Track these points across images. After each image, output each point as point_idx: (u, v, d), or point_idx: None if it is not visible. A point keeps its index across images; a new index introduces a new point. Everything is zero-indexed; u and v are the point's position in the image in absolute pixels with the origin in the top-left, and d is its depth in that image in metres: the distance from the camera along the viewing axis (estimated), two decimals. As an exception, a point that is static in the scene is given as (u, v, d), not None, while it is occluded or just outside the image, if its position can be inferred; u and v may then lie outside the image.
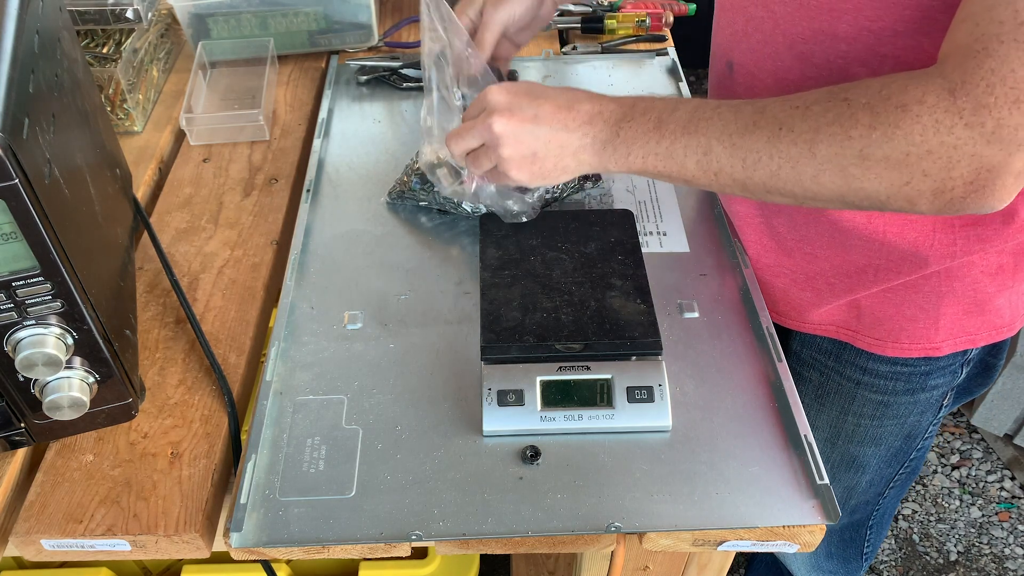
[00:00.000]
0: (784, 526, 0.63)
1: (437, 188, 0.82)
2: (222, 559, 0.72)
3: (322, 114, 1.03)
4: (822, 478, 0.64)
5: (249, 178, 0.96)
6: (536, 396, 0.68)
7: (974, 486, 1.78)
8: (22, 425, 0.65)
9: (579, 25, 1.19)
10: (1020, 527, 1.71)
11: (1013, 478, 1.79)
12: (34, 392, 0.62)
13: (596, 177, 0.91)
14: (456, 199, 0.84)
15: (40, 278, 0.56)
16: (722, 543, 0.64)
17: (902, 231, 0.71)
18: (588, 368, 0.69)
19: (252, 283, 0.83)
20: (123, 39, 1.01)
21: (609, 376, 0.69)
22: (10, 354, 0.59)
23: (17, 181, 0.51)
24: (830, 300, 0.80)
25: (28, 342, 0.58)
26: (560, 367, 0.69)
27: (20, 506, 0.65)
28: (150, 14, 1.01)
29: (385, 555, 0.64)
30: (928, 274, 0.74)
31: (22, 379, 0.61)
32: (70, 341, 0.60)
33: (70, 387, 0.62)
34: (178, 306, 0.80)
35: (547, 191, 0.87)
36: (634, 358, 0.70)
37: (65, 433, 0.68)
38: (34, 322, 0.58)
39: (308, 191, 0.91)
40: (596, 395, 0.68)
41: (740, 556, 1.57)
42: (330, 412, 0.70)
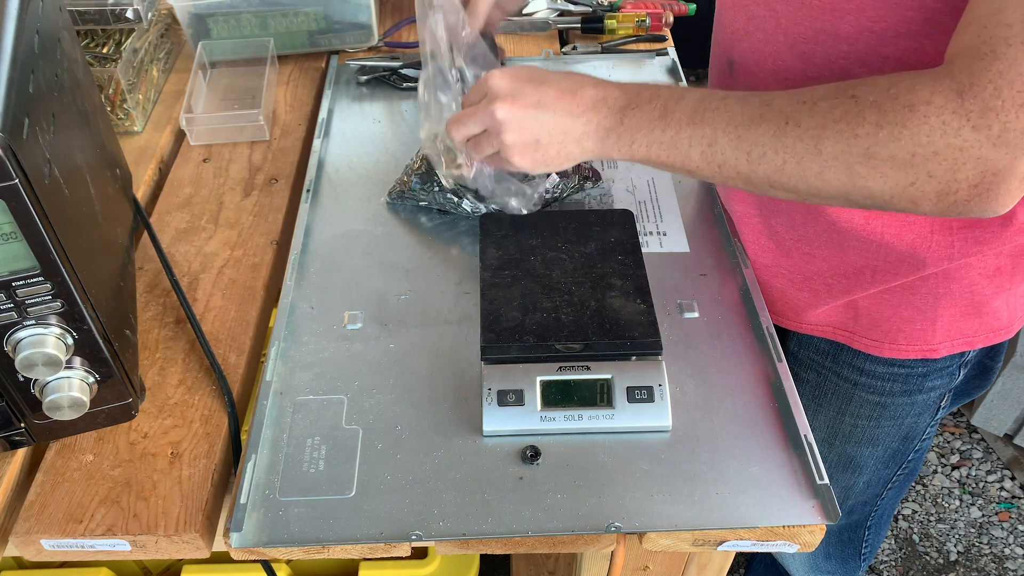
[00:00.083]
0: (784, 526, 0.63)
1: (436, 168, 0.81)
2: (222, 559, 0.72)
3: (322, 114, 1.03)
4: (822, 478, 0.64)
5: (249, 178, 0.96)
6: (536, 396, 0.68)
7: (974, 486, 1.78)
8: (22, 425, 0.65)
9: (579, 25, 1.19)
10: (1020, 527, 1.71)
11: (1013, 478, 1.79)
12: (34, 392, 0.62)
13: (596, 177, 0.91)
14: (456, 182, 0.84)
15: (40, 278, 0.56)
16: (722, 543, 0.64)
17: (900, 232, 0.71)
18: (588, 368, 0.69)
19: (252, 283, 0.83)
20: (123, 39, 1.01)
21: (609, 376, 0.69)
22: (10, 354, 0.59)
23: (17, 181, 0.51)
24: (827, 301, 0.80)
25: (28, 342, 0.58)
26: (560, 367, 0.69)
27: (20, 506, 0.65)
28: (150, 14, 1.01)
29: (385, 555, 0.64)
30: (926, 276, 0.74)
31: (22, 379, 0.61)
32: (70, 341, 0.60)
33: (70, 387, 0.62)
34: (178, 306, 0.80)
35: (547, 190, 0.87)
36: (634, 358, 0.70)
37: (65, 433, 0.68)
38: (34, 322, 0.58)
39: (308, 191, 0.91)
40: (596, 395, 0.68)
41: (740, 556, 1.57)
42: (330, 412, 0.70)
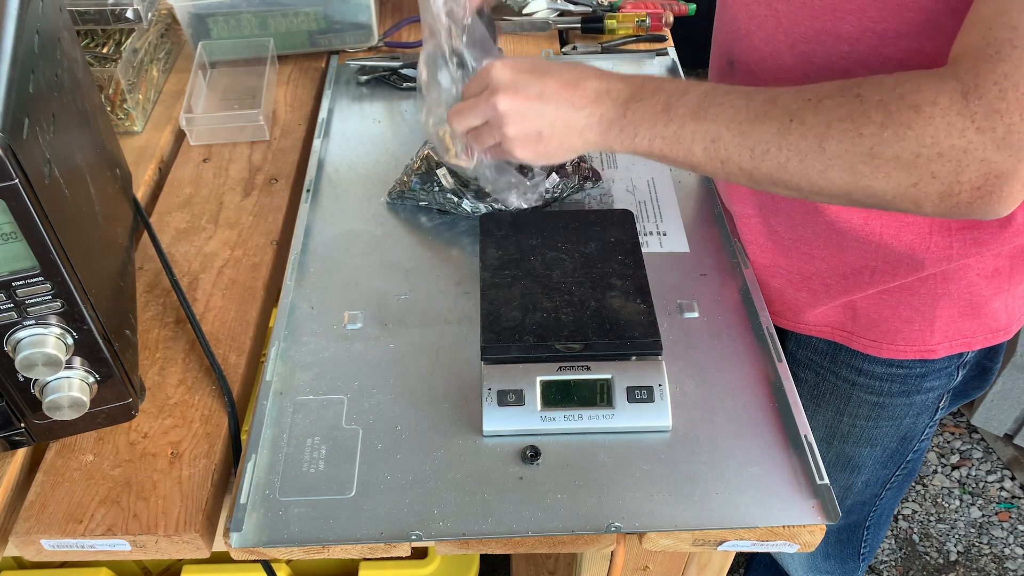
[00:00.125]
0: (784, 526, 0.63)
1: (438, 152, 0.80)
2: (222, 559, 0.72)
3: (322, 114, 1.03)
4: (822, 478, 0.64)
5: (249, 178, 0.96)
6: (536, 396, 0.68)
7: (974, 486, 1.78)
8: (22, 425, 0.65)
9: (579, 25, 1.19)
10: (1020, 527, 1.71)
11: (1013, 478, 1.79)
12: (34, 392, 0.62)
13: (596, 177, 0.91)
14: (456, 170, 0.83)
15: (40, 278, 0.56)
16: (722, 543, 0.64)
17: (899, 233, 0.71)
18: (588, 368, 0.69)
19: (252, 283, 0.83)
20: (123, 39, 1.01)
21: (609, 376, 0.69)
22: (10, 354, 0.59)
23: (17, 181, 0.51)
24: (826, 301, 0.80)
25: (28, 342, 0.58)
26: (560, 367, 0.69)
27: (20, 506, 0.65)
28: (150, 14, 1.01)
29: (385, 555, 0.64)
30: (924, 276, 0.74)
31: (22, 379, 0.61)
32: (70, 341, 0.60)
33: (70, 387, 0.62)
34: (178, 306, 0.80)
35: (547, 190, 0.87)
36: (634, 358, 0.70)
37: (65, 433, 0.68)
38: (34, 322, 0.58)
39: (308, 191, 0.91)
40: (596, 395, 0.68)
41: (740, 556, 1.57)
42: (330, 412, 0.70)
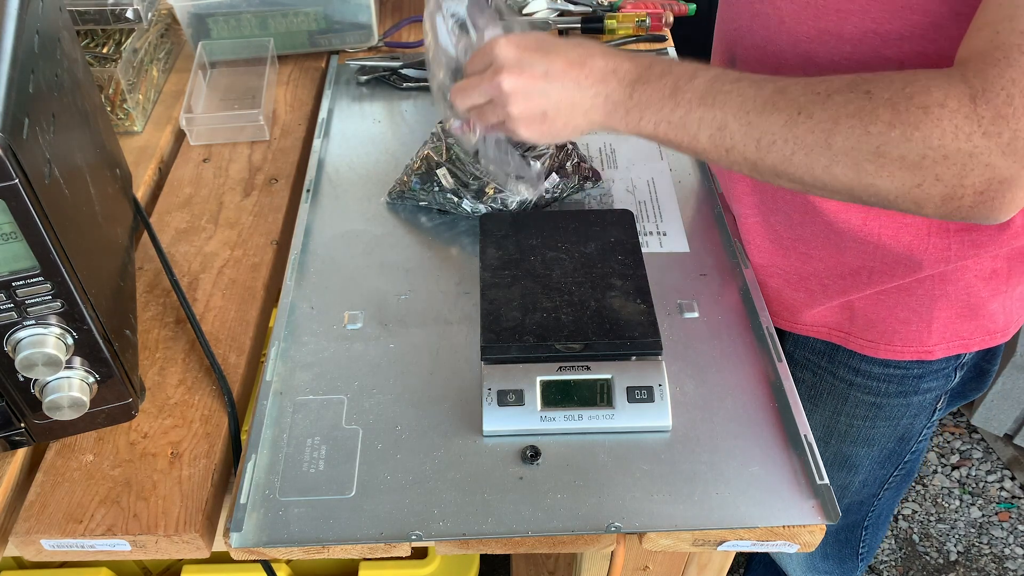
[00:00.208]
0: (784, 526, 0.63)
1: (442, 117, 0.78)
2: (222, 559, 0.72)
3: (322, 114, 1.03)
4: (822, 478, 0.64)
5: (249, 178, 0.96)
6: (536, 396, 0.68)
7: (974, 486, 1.78)
8: (22, 425, 0.65)
9: (579, 25, 1.19)
10: (1020, 527, 1.71)
11: (1013, 478, 1.79)
12: (34, 392, 0.62)
13: (596, 177, 0.91)
14: (462, 144, 0.82)
15: (40, 278, 0.56)
16: (722, 543, 0.64)
17: (897, 234, 0.71)
18: (588, 368, 0.69)
19: (252, 283, 0.83)
20: (123, 39, 1.01)
21: (609, 376, 0.69)
22: (10, 354, 0.59)
23: (17, 181, 0.51)
24: (823, 301, 0.80)
25: (28, 342, 0.58)
26: (560, 367, 0.69)
27: (20, 506, 0.65)
28: (150, 14, 1.01)
29: (385, 555, 0.64)
30: (922, 278, 0.74)
31: (22, 379, 0.61)
32: (70, 341, 0.60)
33: (70, 387, 0.62)
34: (178, 306, 0.80)
35: (547, 190, 0.87)
36: (634, 358, 0.70)
37: (65, 433, 0.68)
38: (34, 322, 0.58)
39: (308, 191, 0.91)
40: (596, 395, 0.68)
41: (740, 556, 1.57)
42: (330, 412, 0.70)
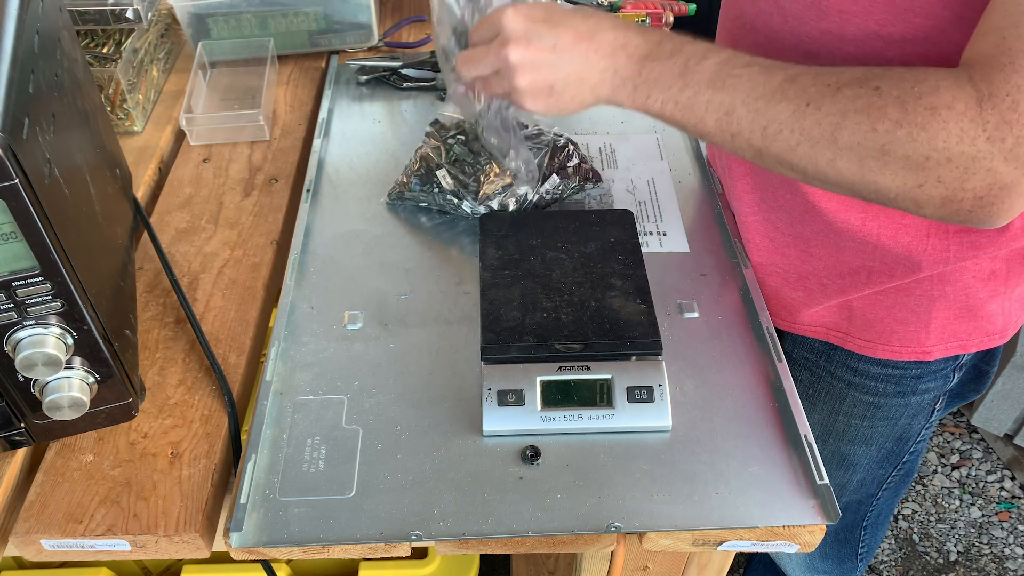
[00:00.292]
0: (784, 526, 0.63)
1: (446, 84, 0.77)
2: (222, 559, 0.73)
3: (322, 114, 1.03)
4: (822, 478, 0.64)
5: (249, 178, 0.96)
6: (536, 396, 0.68)
7: (974, 486, 1.78)
8: (22, 425, 0.65)
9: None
10: (1020, 527, 1.71)
11: (1013, 478, 1.79)
12: (34, 392, 0.62)
13: (596, 178, 0.91)
14: (464, 111, 0.80)
15: (40, 278, 0.56)
16: (722, 543, 0.64)
17: (896, 235, 0.71)
18: (588, 368, 0.69)
19: (252, 283, 0.83)
20: (123, 39, 1.01)
21: (609, 376, 0.69)
22: (10, 354, 0.59)
23: (17, 181, 0.51)
24: (822, 301, 0.80)
25: (28, 342, 0.58)
26: (560, 367, 0.69)
27: (20, 506, 0.65)
28: (150, 14, 1.01)
29: (385, 555, 0.64)
30: (920, 278, 0.74)
31: (22, 379, 0.61)
32: (70, 341, 0.60)
33: (70, 387, 0.62)
34: (178, 306, 0.80)
35: (547, 191, 0.87)
36: (634, 358, 0.70)
37: (65, 433, 0.68)
38: (34, 322, 0.58)
39: (308, 191, 0.91)
40: (596, 395, 0.68)
41: (740, 556, 1.57)
42: (330, 412, 0.70)
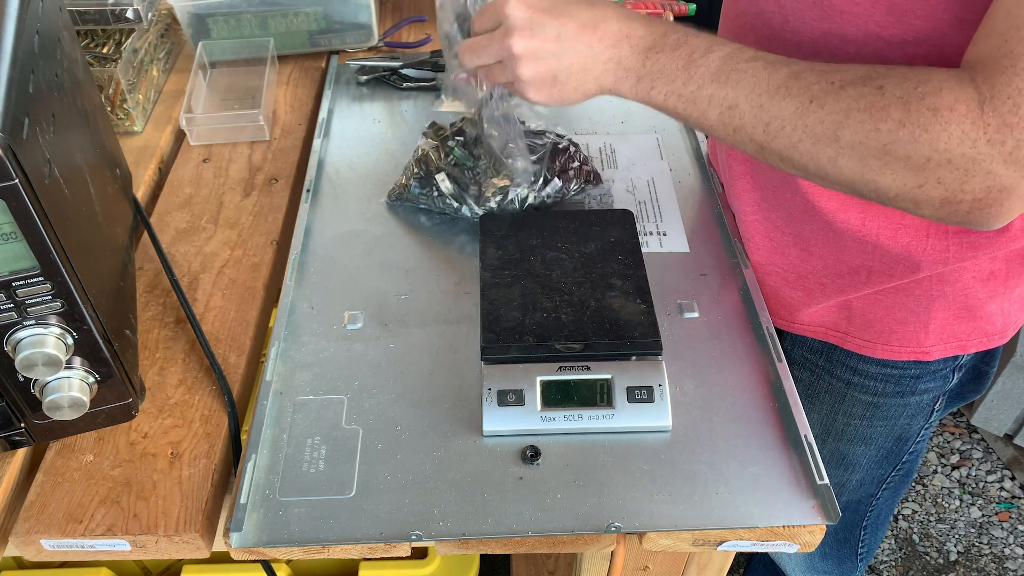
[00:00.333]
0: (784, 526, 0.63)
1: (448, 70, 0.76)
2: (222, 559, 0.73)
3: (322, 114, 1.03)
4: (822, 478, 0.64)
5: (249, 178, 0.96)
6: (536, 396, 0.68)
7: (974, 486, 1.78)
8: (22, 425, 0.65)
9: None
10: (1020, 527, 1.71)
11: (1013, 478, 1.79)
12: (34, 392, 0.62)
13: (597, 179, 0.91)
14: (465, 98, 0.80)
15: (40, 278, 0.56)
16: (722, 543, 0.64)
17: (895, 235, 0.71)
18: (588, 368, 0.69)
19: (252, 283, 0.83)
20: (123, 39, 1.01)
21: (609, 376, 0.69)
22: (10, 354, 0.59)
23: (17, 181, 0.51)
24: (821, 300, 0.80)
25: (28, 342, 0.58)
26: (560, 367, 0.69)
27: (20, 506, 0.65)
28: (150, 14, 1.01)
29: (385, 555, 0.64)
30: (920, 278, 0.74)
31: (22, 379, 0.61)
32: (70, 341, 0.60)
33: (70, 387, 0.62)
34: (178, 306, 0.80)
35: (548, 195, 0.87)
36: (634, 358, 0.70)
37: (65, 433, 0.68)
38: (34, 322, 0.58)
39: (308, 191, 0.91)
40: (596, 395, 0.68)
41: (740, 556, 1.57)
42: (330, 412, 0.70)
